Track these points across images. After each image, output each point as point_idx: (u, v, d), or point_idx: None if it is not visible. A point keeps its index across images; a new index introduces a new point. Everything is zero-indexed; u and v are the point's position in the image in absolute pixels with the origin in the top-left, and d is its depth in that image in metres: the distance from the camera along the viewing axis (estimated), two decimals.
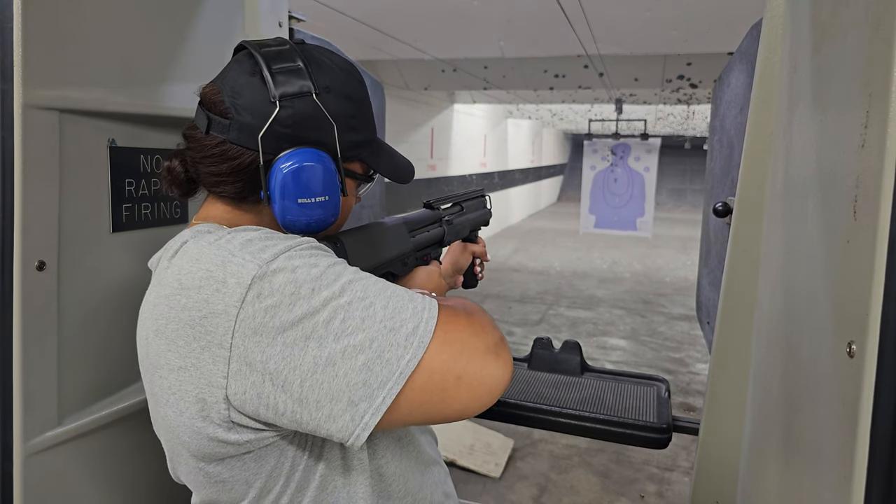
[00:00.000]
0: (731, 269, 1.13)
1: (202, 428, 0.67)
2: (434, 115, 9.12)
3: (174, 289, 0.68)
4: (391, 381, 0.62)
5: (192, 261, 0.68)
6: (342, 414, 0.62)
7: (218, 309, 0.64)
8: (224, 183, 0.76)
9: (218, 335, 0.64)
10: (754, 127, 1.08)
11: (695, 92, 7.17)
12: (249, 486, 0.72)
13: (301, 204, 0.74)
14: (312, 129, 0.75)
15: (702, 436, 1.23)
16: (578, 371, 1.67)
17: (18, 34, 0.83)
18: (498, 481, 3.31)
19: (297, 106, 0.73)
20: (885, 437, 0.54)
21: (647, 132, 8.56)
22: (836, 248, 0.64)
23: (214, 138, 0.75)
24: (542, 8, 3.89)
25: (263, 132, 0.72)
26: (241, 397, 0.64)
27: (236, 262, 0.65)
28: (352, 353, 0.62)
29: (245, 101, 0.74)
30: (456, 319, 0.68)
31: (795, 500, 0.75)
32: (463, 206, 1.20)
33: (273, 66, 0.74)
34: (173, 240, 0.75)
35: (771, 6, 1.04)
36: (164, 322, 0.68)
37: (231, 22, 1.29)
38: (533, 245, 11.45)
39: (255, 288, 0.63)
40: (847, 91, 0.65)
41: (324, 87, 0.75)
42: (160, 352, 0.69)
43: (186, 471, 0.74)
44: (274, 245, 0.67)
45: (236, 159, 0.74)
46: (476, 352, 0.66)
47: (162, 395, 0.70)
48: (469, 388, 0.66)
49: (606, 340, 5.86)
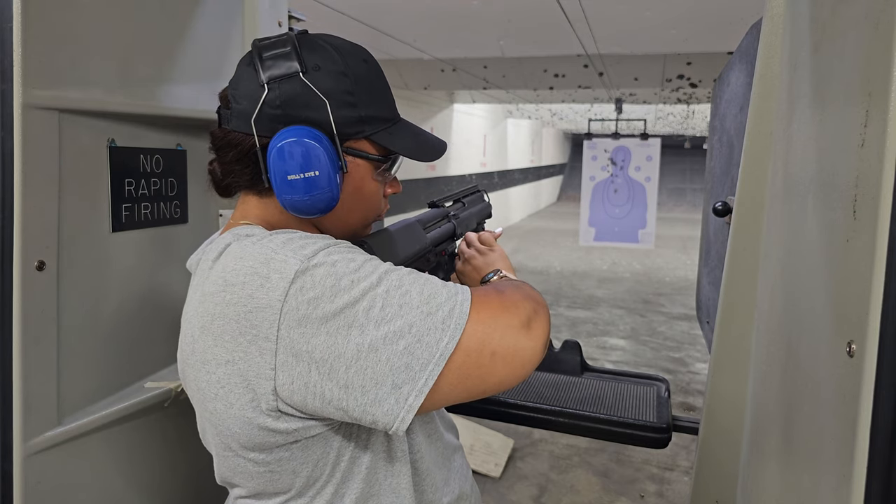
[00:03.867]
0: (731, 268, 1.13)
1: (252, 418, 0.70)
2: (434, 115, 9.12)
3: (219, 286, 0.71)
4: (432, 363, 0.66)
5: (237, 259, 0.71)
6: (387, 397, 0.65)
7: (263, 303, 0.67)
8: (235, 172, 0.80)
9: (264, 328, 0.67)
10: (754, 126, 1.08)
11: (695, 91, 7.16)
12: (296, 475, 0.75)
13: (290, 181, 0.76)
14: (302, 106, 0.76)
15: (702, 436, 1.23)
16: (578, 371, 1.67)
17: (18, 34, 0.83)
18: (498, 481, 3.31)
19: (283, 87, 0.76)
20: (884, 436, 0.54)
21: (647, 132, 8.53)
22: (836, 247, 0.64)
23: (223, 130, 0.80)
24: (541, 7, 3.89)
25: (255, 114, 0.76)
26: (288, 388, 0.67)
27: (279, 259, 0.68)
28: (393, 339, 0.65)
29: (241, 90, 0.78)
30: (488, 300, 0.71)
31: (795, 499, 0.74)
32: (464, 202, 1.26)
33: (264, 54, 0.78)
34: (216, 243, 0.78)
35: (771, 6, 1.04)
36: (209, 319, 0.71)
37: (231, 22, 1.29)
38: (533, 245, 11.45)
39: (298, 282, 0.66)
40: (847, 90, 0.64)
41: (313, 66, 0.77)
42: (207, 347, 0.72)
43: (233, 465, 0.77)
44: (313, 243, 0.71)
45: (238, 145, 0.79)
46: (509, 328, 0.70)
47: (210, 390, 0.72)
48: (504, 362, 0.69)
49: (606, 340, 5.86)
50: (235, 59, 1.30)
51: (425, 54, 5.59)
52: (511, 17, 4.26)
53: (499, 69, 6.24)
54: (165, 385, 1.14)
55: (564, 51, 5.23)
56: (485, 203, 1.33)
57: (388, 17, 4.29)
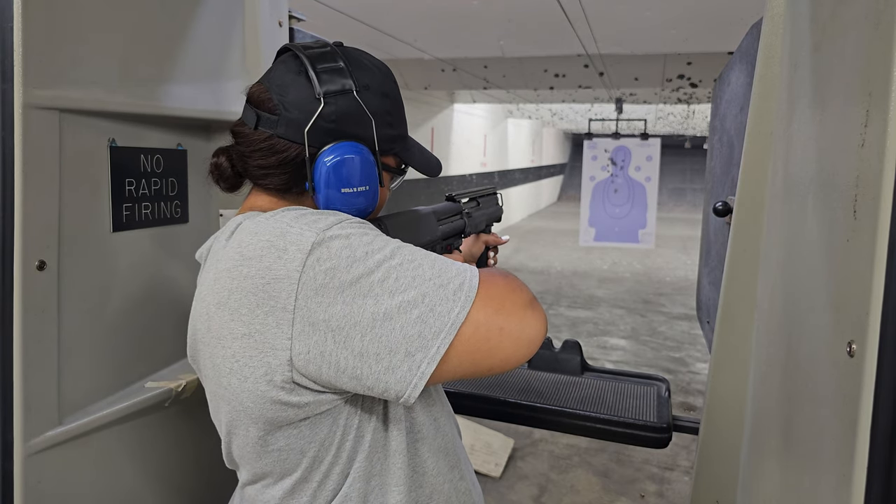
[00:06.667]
0: (731, 268, 1.13)
1: (266, 391, 0.72)
2: (434, 115, 9.11)
3: (236, 261, 0.73)
4: (444, 332, 0.68)
5: (252, 234, 0.73)
6: (400, 364, 0.67)
7: (280, 274, 0.69)
8: (271, 175, 0.81)
9: (282, 299, 0.69)
10: (754, 126, 1.08)
11: (695, 91, 7.16)
12: (303, 454, 0.76)
13: (344, 193, 0.80)
14: (353, 123, 0.81)
15: (702, 436, 1.23)
16: (579, 371, 1.67)
17: (18, 34, 0.83)
18: (498, 481, 3.31)
19: (339, 102, 0.80)
20: (885, 436, 0.54)
21: (647, 132, 8.52)
22: (836, 247, 0.64)
23: (263, 133, 0.80)
24: (542, 7, 3.89)
25: (309, 126, 0.78)
26: (304, 357, 0.69)
27: (295, 232, 0.71)
28: (406, 308, 0.68)
29: (292, 98, 0.80)
30: (494, 279, 0.74)
31: (795, 499, 0.74)
32: (479, 201, 1.26)
33: (318, 66, 0.80)
34: (226, 225, 0.81)
35: (771, 5, 1.04)
36: (226, 294, 0.73)
37: (231, 22, 1.29)
38: (533, 245, 11.45)
39: (315, 253, 0.69)
40: (847, 90, 0.64)
41: (364, 85, 0.82)
42: (223, 323, 0.73)
43: (242, 444, 0.78)
44: (325, 218, 0.73)
45: (283, 152, 0.80)
46: (515, 306, 0.73)
47: (225, 365, 0.74)
48: (511, 338, 0.71)
49: (606, 340, 5.86)
50: (235, 59, 1.30)
51: (425, 54, 5.58)
52: (511, 17, 4.26)
53: (499, 69, 6.23)
54: (166, 385, 1.14)
55: (565, 51, 5.23)
56: (497, 206, 1.34)
57: (388, 16, 4.29)
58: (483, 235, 1.28)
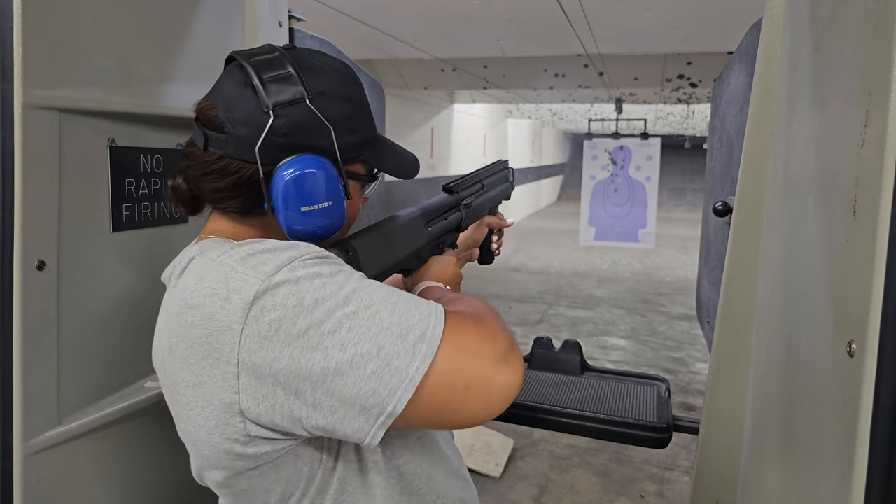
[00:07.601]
0: (731, 268, 1.13)
1: (219, 443, 0.68)
2: (434, 115, 9.11)
3: (181, 307, 0.69)
4: (401, 389, 0.62)
5: (197, 279, 0.68)
6: (356, 417, 0.63)
7: (223, 326, 0.64)
8: (227, 198, 0.75)
9: (225, 352, 0.64)
10: (754, 126, 1.08)
11: (695, 91, 7.16)
12: (269, 492, 0.73)
13: (304, 212, 0.73)
14: (309, 135, 0.73)
15: (702, 436, 1.23)
16: (578, 371, 1.67)
17: (18, 34, 0.83)
18: (498, 481, 3.31)
19: (291, 114, 0.72)
20: (885, 436, 0.54)
21: (647, 132, 8.52)
22: (836, 247, 0.64)
23: (213, 154, 0.74)
24: (542, 7, 3.89)
25: (260, 143, 0.71)
26: (255, 410, 0.65)
27: (239, 278, 0.65)
28: (359, 363, 0.62)
29: (239, 114, 0.73)
30: (464, 327, 0.67)
31: (795, 499, 0.74)
32: (484, 183, 1.15)
33: (264, 76, 0.73)
34: (180, 256, 0.76)
35: (771, 5, 1.04)
36: (175, 340, 0.69)
37: (231, 22, 1.29)
38: (533, 245, 11.45)
39: (259, 303, 0.63)
40: (847, 90, 0.64)
41: (318, 91, 0.74)
42: (176, 370, 0.70)
43: (210, 478, 0.76)
44: (277, 257, 0.66)
45: (236, 173, 0.74)
46: (485, 359, 0.65)
47: (182, 412, 0.71)
48: (478, 396, 0.64)
49: (606, 340, 5.86)
50: None
51: (425, 54, 5.59)
52: (511, 17, 4.26)
53: (499, 69, 6.24)
54: None
55: (564, 51, 5.23)
56: (506, 184, 1.22)
57: (388, 16, 4.29)
58: (487, 217, 1.17)
